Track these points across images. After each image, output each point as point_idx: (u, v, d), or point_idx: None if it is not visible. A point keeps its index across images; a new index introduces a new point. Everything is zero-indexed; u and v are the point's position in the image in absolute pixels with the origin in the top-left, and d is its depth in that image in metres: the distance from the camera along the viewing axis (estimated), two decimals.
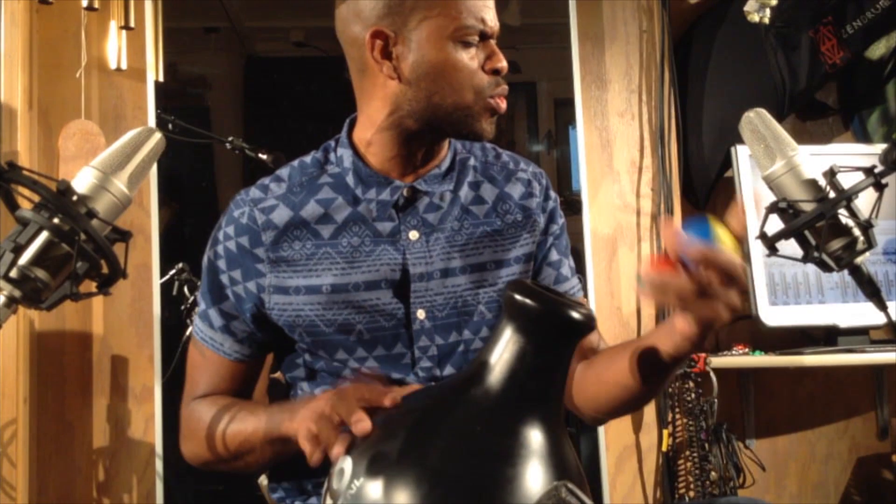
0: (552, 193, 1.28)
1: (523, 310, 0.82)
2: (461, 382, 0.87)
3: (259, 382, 1.24)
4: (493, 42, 1.14)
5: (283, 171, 1.21)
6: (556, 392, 0.85)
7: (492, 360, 0.83)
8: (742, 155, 2.14)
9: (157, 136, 1.02)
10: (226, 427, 1.11)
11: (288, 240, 1.14)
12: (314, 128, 3.26)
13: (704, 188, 2.31)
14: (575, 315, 0.81)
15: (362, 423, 0.83)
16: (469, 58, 1.11)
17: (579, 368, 1.20)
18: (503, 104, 1.14)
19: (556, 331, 0.83)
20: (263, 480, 1.34)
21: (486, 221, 1.19)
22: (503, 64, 1.12)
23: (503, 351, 0.83)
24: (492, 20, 1.12)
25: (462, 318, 1.16)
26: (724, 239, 0.90)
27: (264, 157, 2.30)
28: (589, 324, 0.83)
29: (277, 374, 1.28)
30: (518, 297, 0.82)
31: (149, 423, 2.11)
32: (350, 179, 1.16)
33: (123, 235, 0.99)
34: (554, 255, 1.26)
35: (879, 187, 1.04)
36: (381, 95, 1.14)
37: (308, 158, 1.22)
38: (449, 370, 1.15)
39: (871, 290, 1.05)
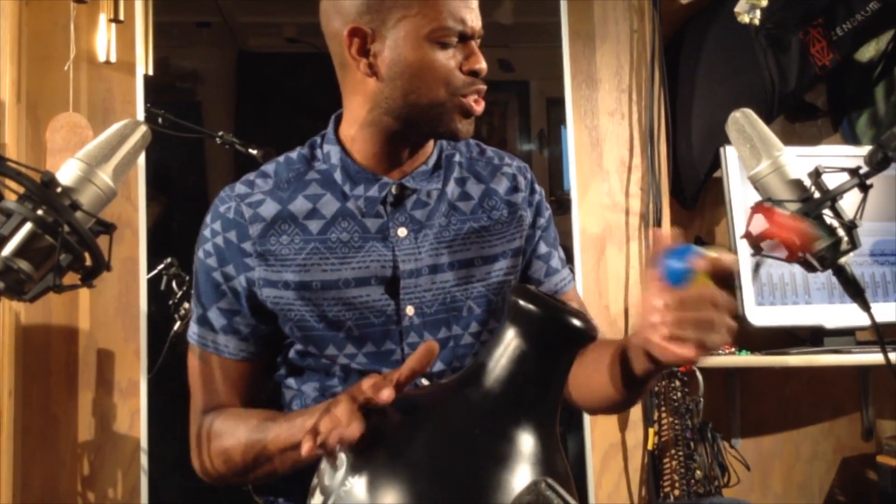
0: (537, 187, 1.28)
1: (527, 315, 0.82)
2: (459, 384, 0.86)
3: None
4: (473, 43, 1.12)
5: (269, 167, 1.20)
6: (552, 398, 0.85)
7: (491, 363, 0.83)
8: (731, 155, 2.15)
9: (143, 128, 1.02)
10: (243, 437, 1.08)
11: (276, 233, 1.13)
12: (305, 124, 3.23)
13: (693, 188, 2.32)
14: (577, 323, 0.82)
15: (353, 428, 0.80)
16: (446, 58, 1.09)
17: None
18: (480, 106, 1.12)
19: (558, 338, 0.83)
20: None
21: (472, 217, 1.19)
22: (481, 65, 1.10)
23: (503, 354, 0.83)
24: (472, 21, 1.10)
25: (451, 314, 1.16)
26: (700, 279, 0.88)
27: (254, 152, 2.30)
28: (590, 333, 0.83)
29: None
30: (522, 302, 0.82)
31: (134, 418, 2.10)
32: (338, 176, 1.16)
33: (107, 228, 0.99)
34: (543, 248, 1.27)
35: (864, 188, 1.05)
36: (360, 92, 1.13)
37: (294, 154, 1.21)
38: (439, 366, 1.15)
39: (854, 291, 1.06)
